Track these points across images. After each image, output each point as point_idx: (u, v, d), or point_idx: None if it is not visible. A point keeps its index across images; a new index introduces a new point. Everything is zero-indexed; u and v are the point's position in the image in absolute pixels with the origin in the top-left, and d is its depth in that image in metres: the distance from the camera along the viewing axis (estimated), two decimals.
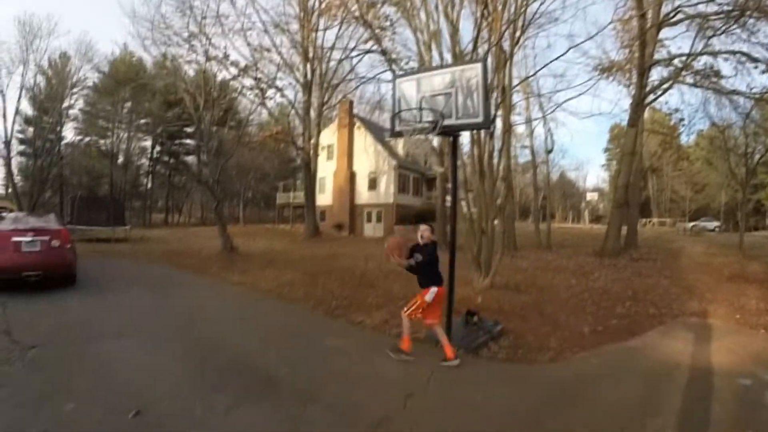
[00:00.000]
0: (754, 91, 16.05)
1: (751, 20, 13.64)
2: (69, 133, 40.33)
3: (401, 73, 7.87)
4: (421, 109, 5.10)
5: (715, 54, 15.47)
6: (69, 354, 4.59)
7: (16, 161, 36.03)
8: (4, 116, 30.08)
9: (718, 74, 16.41)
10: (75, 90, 37.57)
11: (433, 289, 4.65)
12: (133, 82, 27.90)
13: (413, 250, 4.75)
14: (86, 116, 40.38)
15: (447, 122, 5.01)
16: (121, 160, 41.84)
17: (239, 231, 24.64)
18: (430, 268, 4.69)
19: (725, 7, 13.71)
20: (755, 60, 14.41)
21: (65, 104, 37.00)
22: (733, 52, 14.93)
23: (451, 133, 5.38)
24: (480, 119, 4.95)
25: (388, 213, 28.84)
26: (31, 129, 36.06)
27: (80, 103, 39.90)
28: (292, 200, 36.50)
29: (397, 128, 5.29)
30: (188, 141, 42.93)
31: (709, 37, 14.75)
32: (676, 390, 4.18)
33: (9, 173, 32.74)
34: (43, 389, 3.66)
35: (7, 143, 30.47)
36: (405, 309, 4.75)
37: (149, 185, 46.63)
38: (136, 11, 27.16)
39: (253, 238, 21.86)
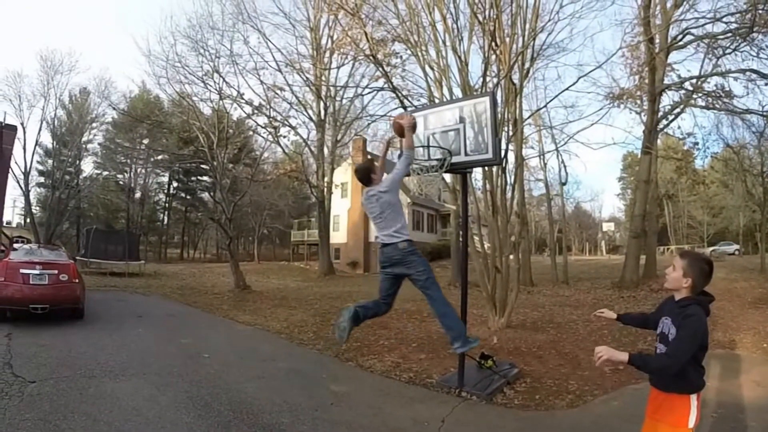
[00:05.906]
0: (767, 108, 15.62)
1: (760, 36, 13.27)
2: (88, 166, 41.15)
3: (410, 109, 7.83)
4: (428, 146, 4.99)
5: (725, 74, 15.06)
6: (68, 391, 4.43)
7: (34, 192, 36.67)
8: (24, 148, 30.48)
9: (729, 94, 15.95)
10: (94, 125, 38.45)
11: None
12: (150, 119, 28.52)
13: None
14: (105, 151, 41.18)
15: (456, 159, 4.85)
16: (138, 195, 42.51)
17: (253, 268, 24.75)
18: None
19: (732, 25, 13.41)
20: (766, 76, 14.00)
21: (84, 138, 37.80)
22: (744, 71, 14.49)
23: (461, 171, 5.24)
24: (490, 155, 4.78)
25: None
26: (50, 161, 36.69)
27: (99, 138, 40.83)
28: (307, 238, 36.58)
29: None
30: (205, 178, 43.44)
31: (718, 57, 14.50)
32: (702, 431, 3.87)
33: (27, 204, 33.25)
34: (35, 428, 3.51)
35: (26, 174, 31.01)
36: None
37: (165, 220, 47.14)
38: (152, 50, 27.90)
39: (267, 276, 21.82)
